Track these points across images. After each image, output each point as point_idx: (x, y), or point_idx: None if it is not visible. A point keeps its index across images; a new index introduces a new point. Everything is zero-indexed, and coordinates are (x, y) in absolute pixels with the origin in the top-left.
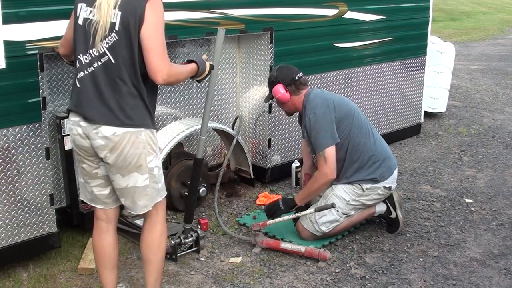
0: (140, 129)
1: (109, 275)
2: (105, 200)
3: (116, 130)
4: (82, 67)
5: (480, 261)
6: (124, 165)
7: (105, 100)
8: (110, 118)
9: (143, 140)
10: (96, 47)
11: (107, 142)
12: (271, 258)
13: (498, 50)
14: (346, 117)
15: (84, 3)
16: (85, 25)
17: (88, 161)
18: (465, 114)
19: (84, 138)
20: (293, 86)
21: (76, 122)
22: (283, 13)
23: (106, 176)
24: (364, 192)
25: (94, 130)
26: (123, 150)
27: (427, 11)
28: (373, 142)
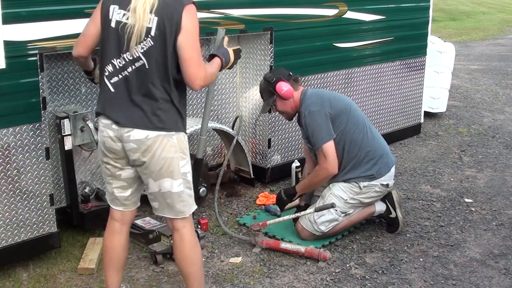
0: (171, 132)
1: (115, 276)
2: (124, 202)
3: (149, 134)
4: (115, 71)
5: (480, 261)
6: (156, 169)
7: (138, 104)
8: (143, 121)
9: (174, 144)
10: (131, 52)
11: (139, 145)
12: (271, 258)
13: (498, 50)
14: (342, 113)
15: (117, 5)
16: (119, 28)
17: (115, 162)
18: (465, 114)
19: (115, 141)
20: (292, 81)
21: (108, 124)
22: (283, 13)
23: (129, 179)
24: (362, 190)
25: (127, 133)
26: (154, 153)
27: (427, 11)
28: (370, 138)
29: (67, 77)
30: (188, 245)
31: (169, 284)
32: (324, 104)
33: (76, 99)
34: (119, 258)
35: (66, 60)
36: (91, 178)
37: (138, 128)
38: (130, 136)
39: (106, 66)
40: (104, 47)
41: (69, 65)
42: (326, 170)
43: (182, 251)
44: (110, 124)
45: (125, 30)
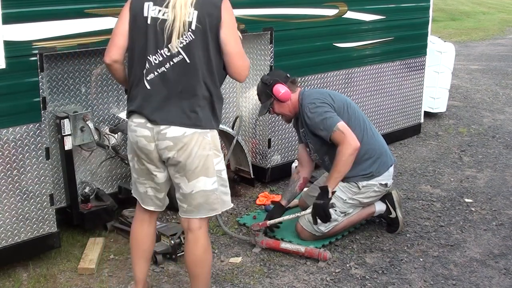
0: (206, 130)
1: (143, 265)
2: (157, 202)
3: (186, 131)
4: (151, 68)
5: (480, 261)
6: (192, 168)
7: (177, 101)
8: (180, 119)
9: (209, 141)
10: (172, 46)
11: (176, 142)
12: (271, 258)
13: (498, 50)
14: (342, 108)
15: (151, 1)
16: (156, 24)
17: (149, 164)
18: (465, 114)
19: (149, 141)
20: (289, 83)
21: (142, 123)
22: (283, 13)
23: (162, 183)
24: (360, 190)
25: (163, 131)
26: (191, 151)
27: (427, 11)
28: (370, 136)
29: (67, 77)
30: (201, 247)
31: (169, 284)
32: (326, 97)
33: (76, 99)
34: (147, 248)
35: (66, 60)
36: (91, 178)
37: (175, 125)
38: (167, 133)
39: (144, 63)
40: (136, 45)
41: (69, 65)
42: (350, 145)
43: (195, 252)
44: (144, 122)
45: (164, 26)
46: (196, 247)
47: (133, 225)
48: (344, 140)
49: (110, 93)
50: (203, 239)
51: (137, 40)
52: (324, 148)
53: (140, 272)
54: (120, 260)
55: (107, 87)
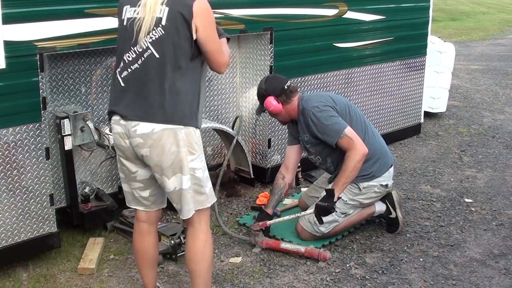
0: (179, 126)
1: (150, 273)
2: (144, 202)
3: (155, 127)
4: (125, 65)
5: (480, 261)
6: (167, 166)
7: (146, 96)
8: (149, 114)
9: (182, 137)
10: (140, 43)
11: (145, 139)
12: (271, 258)
13: (498, 50)
14: (344, 110)
15: (129, 4)
16: (128, 24)
17: (127, 162)
18: (465, 114)
19: (123, 138)
20: (284, 96)
21: (117, 120)
22: (283, 13)
23: (145, 180)
24: (361, 191)
25: (133, 128)
26: (163, 148)
27: (427, 11)
28: (371, 136)
29: (67, 77)
30: (201, 242)
31: (169, 284)
32: (328, 100)
33: (76, 99)
34: (152, 257)
35: (66, 60)
36: (91, 178)
37: (144, 121)
38: (137, 130)
39: (120, 63)
40: (117, 47)
41: (69, 65)
42: (359, 150)
43: (194, 247)
44: (118, 119)
45: (134, 23)
46: (195, 242)
47: (134, 236)
48: (352, 146)
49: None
50: (202, 233)
51: (118, 42)
52: (326, 151)
53: (148, 280)
54: (120, 260)
55: (107, 87)
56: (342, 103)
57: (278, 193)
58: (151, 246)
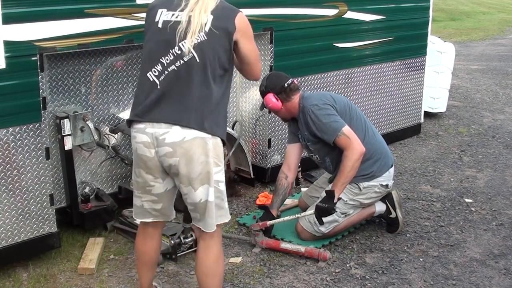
0: (209, 135)
1: (148, 274)
2: (154, 213)
3: (185, 135)
4: (163, 68)
5: (480, 261)
6: (195, 176)
7: (182, 100)
8: (183, 118)
9: (210, 148)
10: (180, 46)
11: (175, 148)
12: (271, 258)
13: (498, 50)
14: (344, 109)
15: (165, 8)
16: (167, 27)
17: (146, 174)
18: (465, 114)
19: (148, 147)
20: (284, 94)
21: (141, 129)
22: (283, 13)
23: (160, 193)
24: (361, 191)
25: (162, 136)
26: (192, 157)
27: (427, 11)
28: (371, 136)
29: (67, 77)
30: (213, 257)
31: (169, 284)
32: (328, 99)
33: (76, 99)
34: (152, 259)
35: (66, 60)
36: (91, 178)
37: (176, 124)
38: (166, 138)
39: (155, 66)
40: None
41: (69, 65)
42: (356, 149)
43: (206, 262)
44: (143, 128)
45: (177, 27)
46: (207, 257)
47: (137, 238)
48: (349, 145)
49: (110, 93)
50: (215, 248)
51: (149, 45)
52: (325, 150)
53: (145, 280)
54: (120, 260)
55: (107, 87)
56: (342, 103)
57: (282, 193)
58: (153, 250)
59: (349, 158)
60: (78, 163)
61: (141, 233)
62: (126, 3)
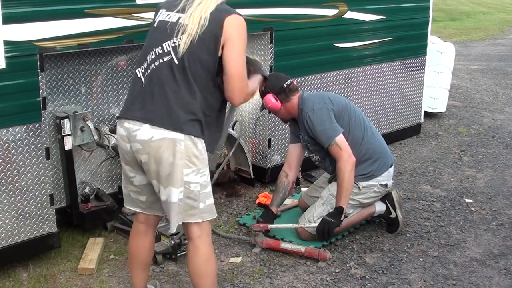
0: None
1: (141, 275)
2: (140, 204)
3: (154, 135)
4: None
5: (480, 261)
6: (164, 175)
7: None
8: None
9: (181, 149)
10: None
11: (144, 146)
12: (271, 258)
13: (498, 50)
14: (343, 110)
15: (165, 8)
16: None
17: (126, 166)
18: (465, 114)
19: (124, 140)
20: (283, 94)
21: (121, 122)
22: (283, 13)
23: (142, 185)
24: (361, 191)
25: (133, 132)
26: (161, 157)
27: (427, 11)
28: (370, 136)
29: (67, 77)
30: (202, 257)
31: (169, 284)
32: (326, 101)
33: (76, 99)
34: (144, 259)
35: (66, 60)
36: (91, 178)
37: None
38: (137, 135)
39: (143, 63)
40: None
41: (69, 65)
42: (347, 161)
43: (195, 262)
44: (122, 122)
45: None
46: (197, 257)
47: (130, 236)
48: (340, 156)
49: (110, 93)
50: (203, 248)
51: (144, 44)
52: (324, 151)
53: (138, 282)
54: (120, 260)
55: (107, 87)
56: (341, 104)
57: (282, 191)
58: (145, 248)
59: (342, 170)
60: (78, 163)
61: (134, 230)
62: (126, 3)
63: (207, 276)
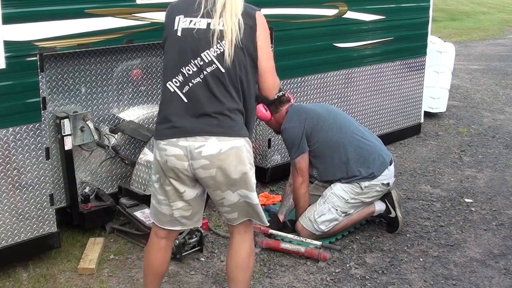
0: (243, 140)
1: (157, 283)
2: (183, 221)
3: (222, 147)
4: (186, 80)
5: (480, 261)
6: (234, 182)
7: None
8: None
9: (247, 155)
10: (202, 56)
11: (212, 161)
12: (271, 258)
13: (498, 50)
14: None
15: (182, 14)
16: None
17: (177, 182)
18: (465, 114)
19: (181, 160)
20: (273, 106)
21: (173, 142)
22: (283, 13)
23: (191, 199)
24: (363, 190)
25: (197, 149)
26: (229, 167)
27: (427, 11)
28: (361, 140)
29: (67, 77)
30: (246, 250)
31: (169, 284)
32: (300, 120)
33: (76, 99)
34: (162, 272)
35: (66, 60)
36: (91, 178)
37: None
38: (202, 151)
39: (176, 76)
40: (169, 60)
41: (69, 65)
42: (296, 182)
43: (240, 257)
44: (175, 141)
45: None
46: (241, 250)
47: (149, 250)
48: (295, 180)
49: (110, 93)
50: (248, 242)
51: (168, 55)
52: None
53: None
54: (120, 260)
55: (107, 87)
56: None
57: (286, 199)
58: (166, 262)
59: (296, 192)
60: (78, 163)
61: (154, 246)
62: (126, 3)
63: (248, 270)
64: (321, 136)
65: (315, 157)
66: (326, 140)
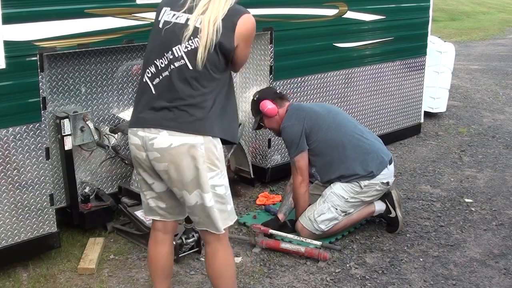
0: (199, 139)
1: (162, 285)
2: (161, 212)
3: (172, 142)
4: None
5: (480, 261)
6: (188, 181)
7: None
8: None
9: (202, 153)
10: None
11: (163, 154)
12: (271, 258)
13: (498, 50)
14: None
15: (169, 7)
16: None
17: (144, 173)
18: (465, 114)
19: (139, 150)
20: (278, 99)
21: (134, 131)
22: (283, 13)
23: (162, 192)
24: (363, 190)
25: (150, 141)
26: (181, 163)
27: (427, 11)
28: (360, 139)
29: (67, 77)
30: (220, 260)
31: None
32: (299, 119)
33: (76, 99)
34: (164, 268)
35: (66, 60)
36: (91, 178)
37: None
38: (154, 144)
39: (149, 67)
40: (148, 48)
41: (69, 65)
42: (295, 181)
43: (214, 266)
44: (136, 130)
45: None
46: (215, 260)
47: (148, 244)
48: (293, 174)
49: (110, 93)
50: (222, 251)
51: (149, 46)
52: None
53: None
54: (120, 260)
55: (107, 87)
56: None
57: (286, 199)
58: (164, 256)
59: (296, 191)
60: (78, 163)
61: (152, 239)
62: (126, 3)
63: (228, 278)
64: (320, 135)
65: (314, 156)
66: (325, 139)
